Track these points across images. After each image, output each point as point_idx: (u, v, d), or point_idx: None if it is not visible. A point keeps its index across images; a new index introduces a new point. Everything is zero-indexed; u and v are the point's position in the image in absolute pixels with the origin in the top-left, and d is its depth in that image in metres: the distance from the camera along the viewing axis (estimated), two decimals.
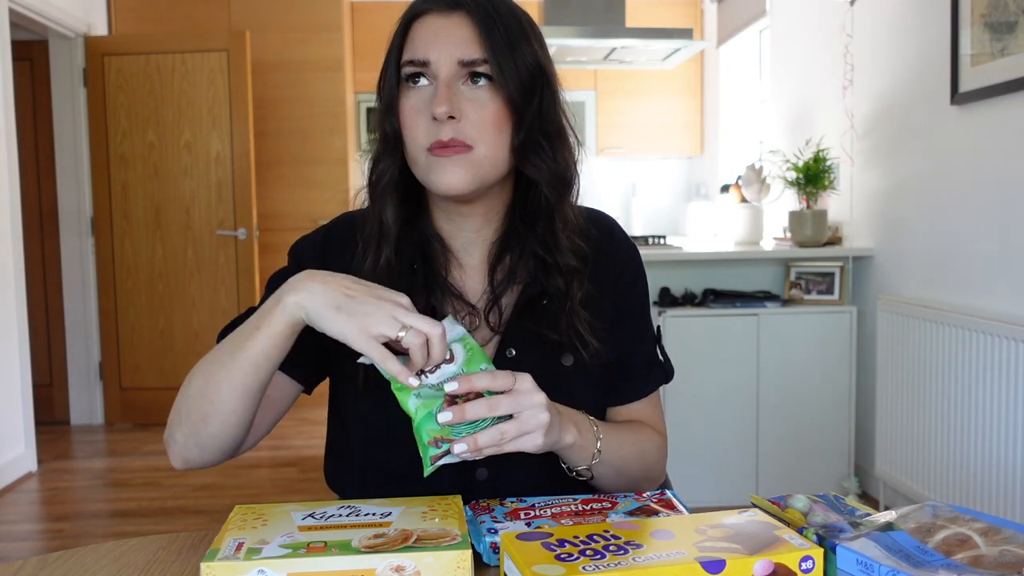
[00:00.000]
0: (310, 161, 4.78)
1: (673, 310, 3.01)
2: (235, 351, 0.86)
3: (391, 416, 0.99)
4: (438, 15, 0.93)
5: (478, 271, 1.02)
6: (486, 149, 0.92)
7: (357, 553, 0.68)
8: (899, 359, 2.76)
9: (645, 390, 1.07)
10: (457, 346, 0.82)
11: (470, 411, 0.78)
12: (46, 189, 4.55)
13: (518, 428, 0.80)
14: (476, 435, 0.78)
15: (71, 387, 4.54)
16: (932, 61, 2.69)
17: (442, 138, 0.90)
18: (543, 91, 0.95)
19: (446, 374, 0.80)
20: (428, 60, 0.92)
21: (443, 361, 0.81)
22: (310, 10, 4.72)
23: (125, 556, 0.84)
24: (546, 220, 0.98)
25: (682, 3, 5.35)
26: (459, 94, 0.91)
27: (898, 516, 0.72)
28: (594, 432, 0.93)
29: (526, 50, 0.94)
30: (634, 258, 1.09)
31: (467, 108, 0.91)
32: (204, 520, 3.05)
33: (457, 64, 0.91)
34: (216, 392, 0.87)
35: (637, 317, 1.08)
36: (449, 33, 0.92)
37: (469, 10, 0.93)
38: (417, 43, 0.93)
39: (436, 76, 0.92)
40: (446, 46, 0.91)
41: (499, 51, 0.91)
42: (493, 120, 0.92)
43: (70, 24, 4.23)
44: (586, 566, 0.63)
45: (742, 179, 3.75)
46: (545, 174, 0.96)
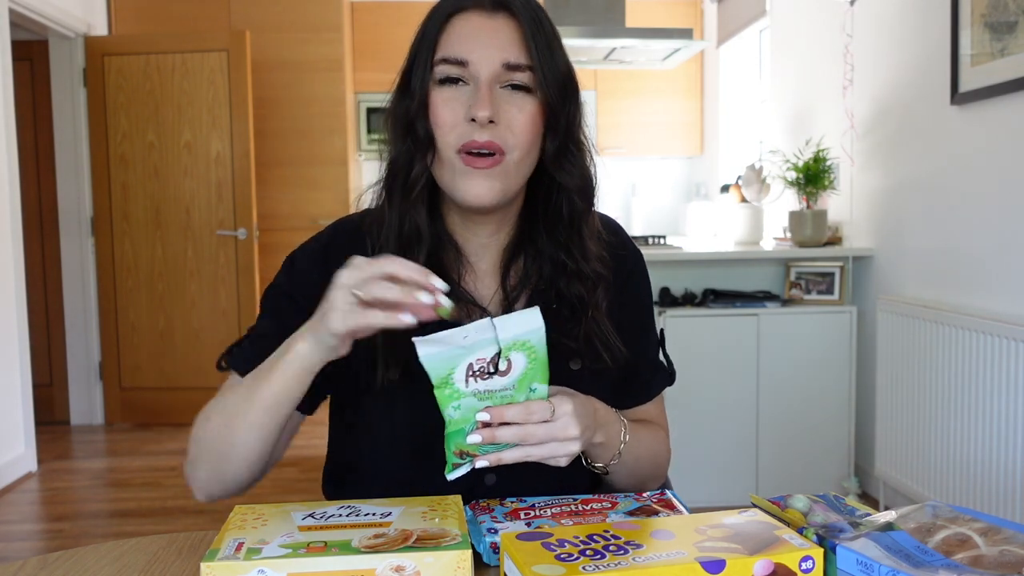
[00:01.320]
0: (310, 161, 4.79)
1: (673, 310, 3.01)
2: (253, 396, 0.86)
3: (400, 425, 0.99)
4: (481, 14, 0.91)
5: (488, 276, 1.02)
6: (519, 155, 0.91)
7: (357, 553, 0.68)
8: (899, 359, 2.76)
9: (651, 393, 1.09)
10: (519, 356, 0.78)
11: (500, 437, 0.78)
12: (46, 189, 4.55)
13: (543, 455, 0.80)
14: (501, 454, 0.78)
15: (71, 387, 4.54)
16: (932, 61, 2.69)
17: (478, 139, 0.88)
18: (575, 98, 0.95)
19: (495, 386, 0.78)
20: (469, 60, 0.89)
21: (496, 372, 0.77)
22: (310, 10, 4.72)
23: (125, 556, 0.84)
24: (570, 227, 0.97)
25: (682, 3, 5.35)
26: (498, 97, 0.89)
27: (898, 516, 0.72)
28: (621, 433, 0.93)
29: (561, 57, 0.93)
30: (640, 264, 1.09)
31: (505, 112, 0.89)
32: (204, 520, 3.05)
33: (501, 66, 0.89)
34: (236, 435, 0.89)
35: (642, 322, 1.08)
36: (493, 34, 0.90)
37: (515, 12, 0.90)
38: (456, 41, 0.90)
39: (476, 77, 0.89)
40: (489, 48, 0.89)
41: (543, 56, 0.90)
42: (531, 126, 0.91)
43: (70, 24, 4.23)
44: (586, 566, 0.63)
45: (742, 179, 3.75)
46: (576, 181, 0.96)
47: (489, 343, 0.77)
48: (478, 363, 0.77)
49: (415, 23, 0.95)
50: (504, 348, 0.77)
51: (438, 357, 0.76)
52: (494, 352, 0.77)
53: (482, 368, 0.77)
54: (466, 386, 0.77)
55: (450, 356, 0.76)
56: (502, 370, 0.77)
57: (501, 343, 0.77)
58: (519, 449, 0.79)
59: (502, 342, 0.77)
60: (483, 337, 0.76)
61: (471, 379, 0.77)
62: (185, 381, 4.47)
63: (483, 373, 0.77)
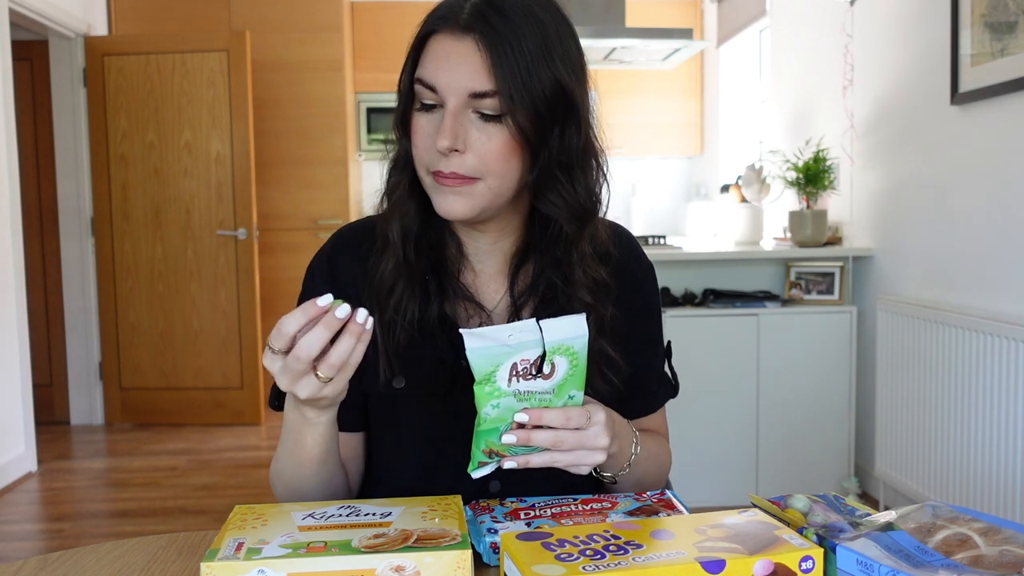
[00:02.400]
0: (310, 161, 4.78)
1: (673, 310, 3.01)
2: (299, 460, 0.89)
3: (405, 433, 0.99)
4: (450, 36, 0.87)
5: (493, 280, 1.01)
6: (493, 181, 0.88)
7: (357, 553, 0.68)
8: (899, 359, 2.76)
9: (655, 405, 1.09)
10: (562, 360, 0.77)
11: (535, 441, 0.77)
12: (46, 189, 4.55)
13: (571, 462, 0.80)
14: (529, 457, 0.78)
15: (71, 387, 4.54)
16: (932, 61, 2.69)
17: (443, 170, 0.87)
18: (565, 119, 0.89)
19: (536, 388, 0.77)
20: (436, 87, 0.87)
21: (540, 374, 0.77)
22: (310, 10, 4.72)
23: (125, 556, 0.84)
24: (564, 250, 0.95)
25: (682, 3, 5.35)
26: (467, 124, 0.87)
27: (898, 516, 0.72)
28: (633, 446, 0.93)
29: (546, 76, 0.86)
30: (651, 275, 1.09)
31: (474, 139, 0.87)
32: (204, 520, 3.05)
33: (466, 95, 0.86)
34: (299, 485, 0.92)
35: (650, 333, 1.08)
36: (460, 60, 0.86)
37: (482, 35, 0.85)
38: (428, 64, 0.88)
39: (444, 103, 0.87)
40: (455, 74, 0.86)
41: (512, 82, 0.85)
42: (501, 153, 0.87)
43: (70, 24, 4.23)
44: (586, 566, 0.63)
45: (742, 179, 3.75)
46: (562, 210, 0.92)
47: (534, 344, 0.76)
48: (522, 363, 0.76)
49: (415, 23, 0.94)
50: (549, 351, 0.76)
51: (484, 352, 0.75)
52: (538, 354, 0.76)
53: (525, 369, 0.76)
54: (508, 385, 0.76)
55: (496, 353, 0.75)
56: (546, 373, 0.77)
57: (547, 346, 0.76)
58: (547, 454, 0.78)
59: (548, 345, 0.76)
60: (528, 338, 0.76)
61: (514, 379, 0.76)
62: (185, 381, 4.47)
63: (526, 374, 0.76)
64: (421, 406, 0.97)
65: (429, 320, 0.95)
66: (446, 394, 0.96)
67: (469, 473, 0.79)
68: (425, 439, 0.98)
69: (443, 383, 0.96)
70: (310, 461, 0.89)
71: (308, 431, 0.86)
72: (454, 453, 0.97)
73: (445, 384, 0.95)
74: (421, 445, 0.98)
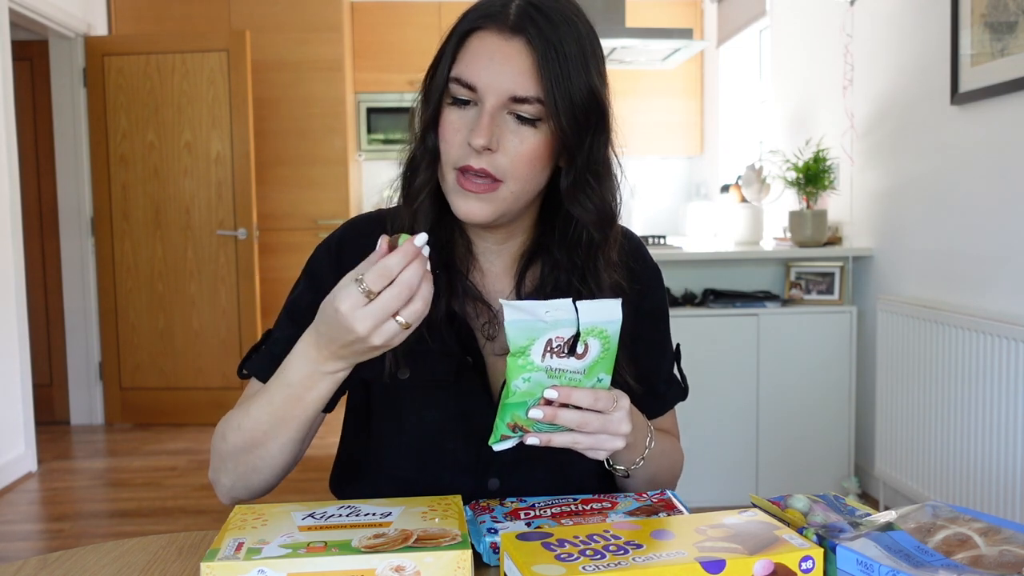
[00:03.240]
0: (310, 161, 4.78)
1: (673, 310, 3.01)
2: (287, 416, 0.87)
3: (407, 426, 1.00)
4: (497, 35, 0.86)
5: (500, 280, 1.01)
6: (515, 185, 0.89)
7: (357, 553, 0.68)
8: (899, 359, 2.76)
9: (664, 408, 1.09)
10: (595, 342, 0.78)
11: (561, 419, 0.78)
12: (46, 189, 4.55)
13: (591, 445, 0.80)
14: (552, 435, 0.79)
15: (71, 387, 4.54)
16: (932, 61, 2.69)
17: (473, 164, 0.87)
18: (597, 127, 0.90)
19: (568, 366, 0.78)
20: (477, 86, 0.86)
21: (573, 353, 0.77)
22: (310, 10, 4.72)
23: (125, 556, 0.84)
24: (587, 256, 0.95)
25: (682, 3, 5.35)
26: (502, 124, 0.87)
27: (898, 516, 0.72)
28: (647, 440, 0.93)
29: (583, 84, 0.87)
30: (658, 279, 1.09)
31: (507, 140, 0.87)
32: (204, 520, 3.05)
33: (507, 96, 0.86)
34: (268, 452, 0.90)
35: (659, 336, 1.09)
36: (505, 61, 0.86)
37: (531, 38, 0.85)
38: (470, 62, 0.87)
39: (482, 102, 0.86)
40: (499, 75, 0.85)
41: (556, 89, 0.85)
42: (531, 157, 0.88)
43: (70, 24, 4.23)
44: (586, 566, 0.63)
45: (742, 179, 3.75)
46: (592, 215, 0.92)
47: (569, 324, 0.76)
48: (557, 340, 0.77)
49: (415, 23, 0.94)
50: (584, 332, 0.77)
51: (522, 325, 0.76)
52: (572, 333, 0.77)
53: (559, 347, 0.77)
54: (541, 360, 0.77)
55: (533, 327, 0.76)
56: (579, 353, 0.77)
57: (581, 326, 0.77)
58: (569, 435, 0.79)
59: (582, 325, 0.77)
60: (564, 316, 0.76)
61: (547, 355, 0.77)
62: (185, 381, 4.47)
63: (560, 351, 0.77)
64: (424, 398, 0.98)
65: (437, 316, 0.95)
66: (450, 387, 0.96)
67: (490, 445, 0.79)
68: (426, 431, 0.98)
69: (447, 376, 0.96)
70: (297, 420, 0.87)
71: (318, 388, 0.85)
72: (455, 447, 0.97)
73: (449, 377, 0.96)
74: (422, 437, 0.99)
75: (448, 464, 0.98)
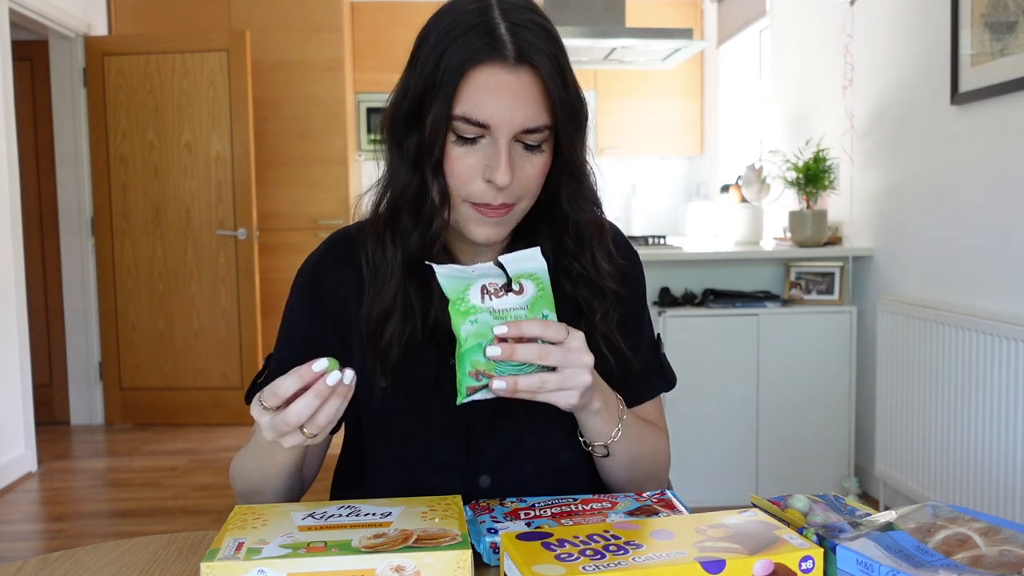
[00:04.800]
0: (310, 161, 4.78)
1: (673, 310, 3.01)
2: (266, 467, 0.91)
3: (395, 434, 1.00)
4: (502, 69, 0.84)
5: None
6: (526, 202, 0.92)
7: (357, 553, 0.68)
8: (899, 359, 2.76)
9: (645, 396, 1.08)
10: (528, 283, 0.80)
11: (520, 352, 0.76)
12: (46, 189, 4.55)
13: (560, 382, 0.79)
14: (518, 377, 0.78)
15: (71, 387, 4.54)
16: (932, 61, 2.69)
17: (493, 203, 0.88)
18: (583, 125, 0.92)
19: (509, 304, 0.79)
20: (490, 124, 0.85)
21: (510, 291, 0.79)
22: (310, 10, 4.72)
23: (125, 556, 0.84)
24: (579, 243, 0.97)
25: (682, 3, 5.35)
26: (515, 155, 0.87)
27: (898, 516, 0.72)
28: (619, 409, 0.93)
29: (574, 91, 0.88)
30: (636, 265, 1.08)
31: (520, 169, 0.88)
32: (204, 520, 3.05)
33: (520, 129, 0.85)
34: (262, 489, 0.95)
35: (636, 324, 1.07)
36: (516, 96, 0.84)
37: (538, 65, 0.84)
38: (478, 100, 0.84)
39: (496, 138, 0.85)
40: (511, 110, 0.84)
41: (564, 113, 0.87)
42: (540, 177, 0.90)
43: (70, 24, 4.23)
44: (586, 566, 0.63)
45: (742, 179, 3.75)
46: (589, 214, 0.96)
47: (497, 274, 0.80)
48: (491, 285, 0.79)
49: (415, 23, 0.92)
50: (513, 277, 0.80)
51: (453, 276, 0.79)
52: (503, 281, 0.80)
53: (495, 289, 0.79)
54: (481, 302, 0.78)
55: (464, 276, 0.79)
56: (516, 291, 0.80)
57: (510, 273, 0.80)
58: (535, 376, 0.78)
59: (511, 272, 0.80)
60: (491, 270, 0.80)
61: (486, 296, 0.79)
62: (185, 381, 4.47)
63: (497, 292, 0.79)
64: (407, 404, 0.98)
65: (419, 329, 0.96)
66: (432, 391, 0.96)
67: (459, 404, 0.79)
68: (412, 437, 0.99)
69: (428, 381, 0.96)
70: (279, 474, 0.91)
71: (280, 453, 0.88)
72: (441, 449, 0.98)
73: (430, 382, 0.96)
74: (409, 443, 0.99)
75: (437, 466, 0.98)
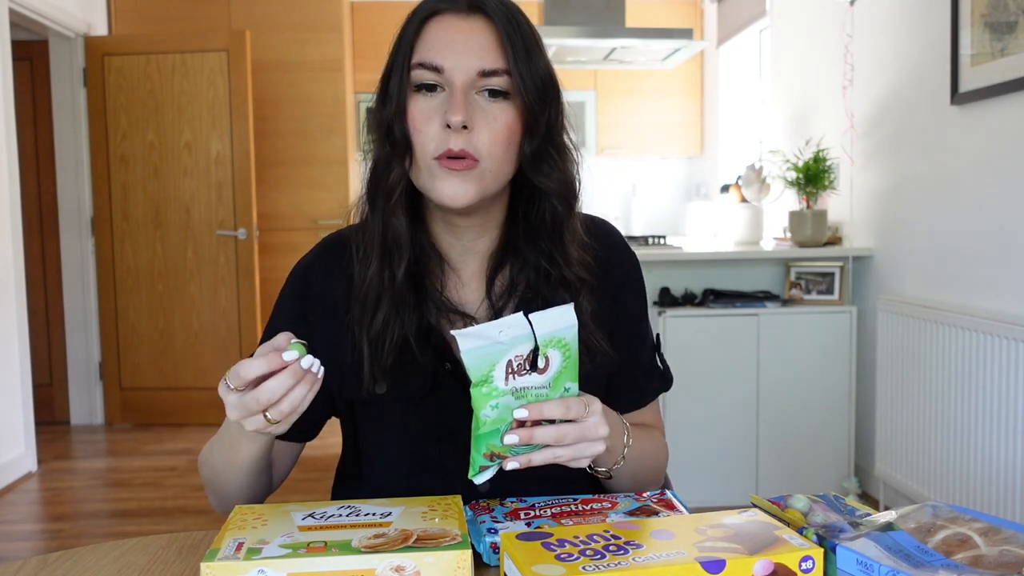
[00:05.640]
0: (310, 161, 4.78)
1: (673, 310, 3.01)
2: (232, 460, 0.91)
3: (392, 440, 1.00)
4: (456, 16, 0.89)
5: (474, 280, 1.01)
6: (493, 163, 0.90)
7: (357, 553, 0.68)
8: (899, 359, 2.76)
9: (645, 399, 1.08)
10: (555, 353, 0.76)
11: (537, 437, 0.76)
12: (46, 189, 4.55)
13: (572, 456, 0.79)
14: (531, 455, 0.77)
15: (71, 387, 4.54)
16: (932, 61, 2.69)
17: (453, 147, 0.87)
18: (554, 101, 0.93)
19: (532, 383, 0.76)
20: (443, 67, 0.87)
21: (535, 370, 0.75)
22: (310, 10, 4.72)
23: (125, 556, 0.84)
24: (552, 233, 0.96)
25: (682, 3, 5.35)
26: (474, 104, 0.88)
27: (898, 516, 0.72)
28: (624, 438, 0.92)
29: (541, 60, 0.91)
30: (634, 266, 1.08)
31: (480, 119, 0.88)
32: (204, 520, 3.05)
33: (475, 73, 0.87)
34: (228, 485, 0.95)
35: (637, 326, 1.07)
36: (468, 38, 0.88)
37: (491, 13, 0.88)
38: (432, 46, 0.88)
39: (451, 83, 0.87)
40: (464, 53, 0.87)
41: (520, 61, 0.88)
42: (505, 133, 0.89)
43: (70, 24, 4.23)
44: (586, 566, 0.63)
45: (742, 179, 3.75)
46: (556, 185, 0.94)
47: (526, 339, 0.74)
48: (516, 360, 0.74)
49: None
50: (542, 345, 0.75)
51: (479, 353, 0.73)
52: (530, 348, 0.75)
53: (520, 365, 0.75)
54: (505, 384, 0.74)
55: (490, 352, 0.73)
56: (540, 368, 0.75)
57: (538, 339, 0.75)
58: (548, 450, 0.77)
59: (539, 338, 0.74)
60: (519, 333, 0.74)
61: (510, 376, 0.74)
62: (185, 381, 4.47)
63: (521, 370, 0.75)
64: (404, 409, 0.98)
65: (413, 331, 0.95)
66: (429, 396, 0.96)
67: (471, 479, 0.78)
68: (410, 442, 0.99)
69: (424, 385, 0.96)
70: (241, 466, 0.91)
71: (244, 444, 0.88)
72: (439, 455, 0.97)
73: (427, 386, 0.96)
74: (406, 448, 0.99)
75: (436, 472, 0.98)
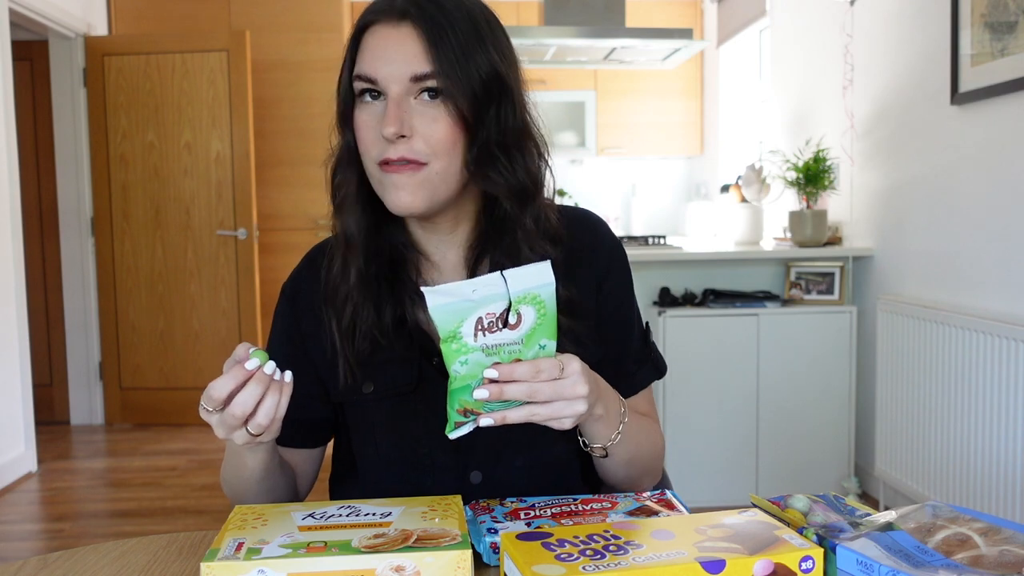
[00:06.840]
0: (310, 161, 4.78)
1: (673, 310, 3.01)
2: (241, 474, 0.93)
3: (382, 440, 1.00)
4: (387, 25, 0.90)
5: (455, 271, 1.00)
6: (439, 165, 0.89)
7: (357, 553, 0.68)
8: (899, 359, 2.76)
9: (635, 387, 1.06)
10: (528, 310, 0.75)
11: (509, 395, 0.75)
12: (46, 189, 4.55)
13: (549, 414, 0.78)
14: (506, 412, 0.77)
15: (71, 387, 4.54)
16: (932, 61, 2.69)
17: (391, 156, 0.88)
18: (501, 100, 0.91)
19: (503, 339, 0.75)
20: (377, 77, 0.88)
21: (506, 326, 0.74)
22: (310, 10, 4.72)
23: (125, 556, 0.84)
24: (510, 231, 0.95)
25: (682, 3, 5.35)
26: (410, 110, 0.88)
27: (898, 516, 0.72)
28: (620, 413, 0.91)
29: (481, 59, 0.89)
30: (618, 255, 1.06)
31: (418, 124, 0.88)
32: (204, 520, 3.05)
33: (407, 80, 0.88)
34: (243, 494, 0.96)
35: (623, 314, 1.06)
36: (398, 47, 0.88)
37: (417, 19, 0.88)
38: (367, 57, 0.90)
39: (386, 92, 0.89)
40: (394, 62, 0.88)
41: (449, 64, 0.87)
42: (446, 135, 0.88)
43: (70, 24, 4.23)
44: (586, 566, 0.63)
45: (742, 179, 3.75)
46: (503, 187, 0.92)
47: (499, 297, 0.74)
48: (487, 317, 0.74)
49: None
50: (515, 301, 0.74)
51: (447, 309, 0.74)
52: (504, 306, 0.75)
53: (492, 322, 0.75)
54: (474, 340, 0.74)
55: (459, 308, 0.74)
56: (512, 323, 0.75)
57: (512, 296, 0.74)
58: (524, 408, 0.77)
59: (513, 295, 0.74)
60: (493, 291, 0.74)
61: (479, 333, 0.74)
62: (185, 381, 4.47)
63: (492, 327, 0.75)
64: (392, 407, 0.98)
65: (389, 323, 0.95)
66: (415, 392, 0.96)
67: (447, 435, 0.78)
68: (399, 440, 0.99)
69: (410, 382, 0.96)
70: (251, 478, 0.92)
71: (247, 457, 0.89)
72: (429, 451, 0.97)
73: (412, 383, 0.96)
74: (396, 446, 0.99)
75: (427, 468, 0.98)
